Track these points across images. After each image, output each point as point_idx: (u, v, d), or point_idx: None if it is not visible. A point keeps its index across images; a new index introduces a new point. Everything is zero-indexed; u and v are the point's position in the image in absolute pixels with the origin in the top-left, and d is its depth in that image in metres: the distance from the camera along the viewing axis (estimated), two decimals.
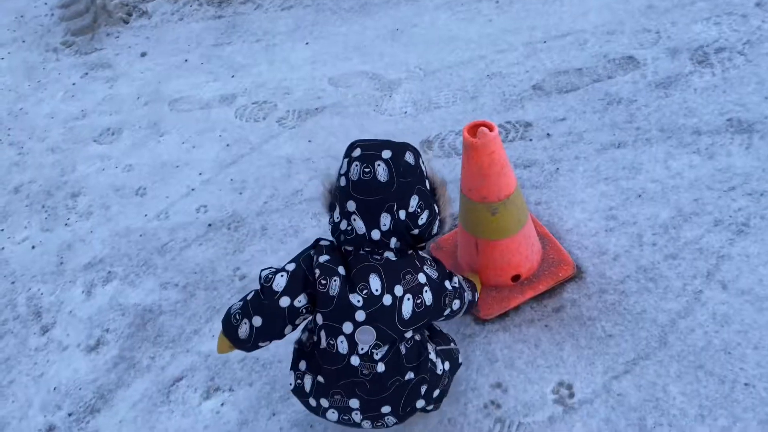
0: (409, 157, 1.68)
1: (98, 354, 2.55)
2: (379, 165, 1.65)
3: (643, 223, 2.42)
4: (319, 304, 1.67)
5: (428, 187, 1.73)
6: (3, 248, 3.12)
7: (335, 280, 1.65)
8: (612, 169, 2.63)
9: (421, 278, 1.71)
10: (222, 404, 2.27)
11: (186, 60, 4.04)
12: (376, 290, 1.65)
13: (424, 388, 1.77)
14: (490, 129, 1.93)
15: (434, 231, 1.78)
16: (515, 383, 2.09)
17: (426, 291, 1.71)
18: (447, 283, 1.81)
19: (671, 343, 2.08)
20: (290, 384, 1.78)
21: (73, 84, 4.12)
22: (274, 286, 1.67)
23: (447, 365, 1.86)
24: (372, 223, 1.67)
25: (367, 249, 1.70)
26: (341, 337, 1.66)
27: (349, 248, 1.72)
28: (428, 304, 1.71)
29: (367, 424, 1.77)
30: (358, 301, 1.64)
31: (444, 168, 2.86)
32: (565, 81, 3.09)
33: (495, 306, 2.26)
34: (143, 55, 4.22)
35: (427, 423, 2.06)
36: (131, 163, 3.40)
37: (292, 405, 2.19)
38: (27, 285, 2.91)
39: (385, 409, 1.73)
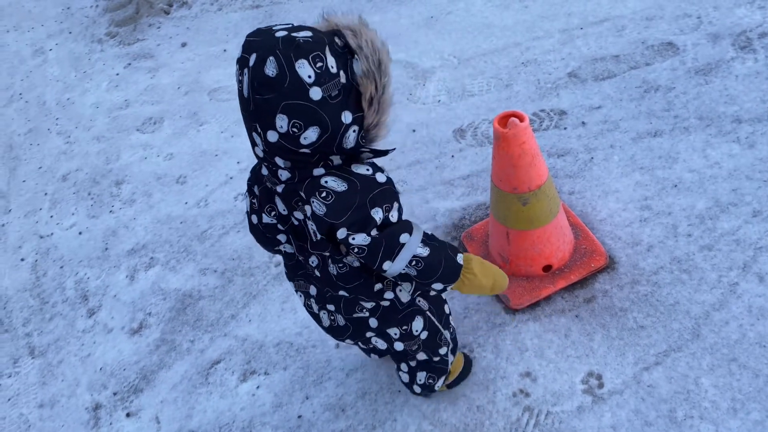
0: (269, 68, 1.26)
1: (141, 336, 2.66)
2: (244, 75, 1.32)
3: (679, 213, 2.39)
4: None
5: (323, 95, 1.30)
6: (52, 234, 3.26)
7: (254, 202, 1.58)
8: (648, 159, 2.60)
9: (307, 209, 1.44)
10: (258, 387, 2.35)
11: (225, 50, 4.12)
12: (283, 210, 1.53)
13: (367, 310, 1.68)
14: (521, 119, 1.94)
15: (349, 144, 1.39)
16: (545, 372, 2.11)
17: (311, 224, 1.47)
18: (345, 232, 1.42)
19: (704, 335, 2.06)
20: None
21: (117, 74, 4.25)
22: (245, 205, 1.63)
23: (420, 323, 1.77)
24: (251, 140, 1.42)
25: (266, 164, 1.47)
26: (285, 245, 1.63)
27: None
28: (320, 237, 1.48)
29: (324, 315, 1.74)
30: (272, 221, 1.57)
31: (477, 157, 2.87)
32: (602, 68, 3.05)
33: (526, 296, 2.27)
34: (183, 45, 4.31)
35: (455, 410, 2.09)
36: (172, 152, 3.50)
37: (325, 389, 2.25)
38: (75, 269, 3.04)
39: (330, 307, 1.70)
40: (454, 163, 2.88)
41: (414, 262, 1.50)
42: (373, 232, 1.44)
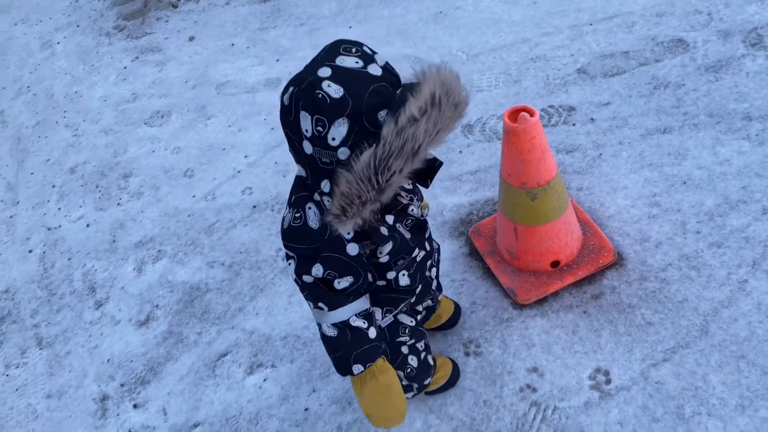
0: (286, 96, 1.25)
1: (148, 329, 2.67)
2: None
3: (688, 210, 2.38)
4: None
5: (314, 154, 1.24)
6: (60, 226, 3.27)
7: None
8: (657, 155, 2.59)
9: (284, 209, 1.45)
10: (264, 380, 2.35)
11: (232, 44, 4.12)
12: None
13: None
14: (531, 114, 1.93)
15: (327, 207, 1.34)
16: (552, 368, 2.11)
17: None
18: (288, 254, 1.42)
19: (713, 332, 2.05)
20: None
21: (125, 67, 4.25)
22: None
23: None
24: None
25: None
26: None
27: None
28: None
29: None
30: None
31: (485, 152, 2.86)
32: (611, 64, 3.04)
33: (533, 291, 2.27)
34: (191, 39, 4.31)
35: (462, 404, 2.09)
36: (180, 146, 3.51)
37: (332, 382, 2.25)
38: (82, 261, 3.05)
39: None
40: (462, 159, 2.87)
41: (318, 328, 1.50)
42: (305, 278, 1.40)
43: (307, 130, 1.20)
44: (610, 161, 2.63)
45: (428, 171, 1.48)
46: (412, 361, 1.85)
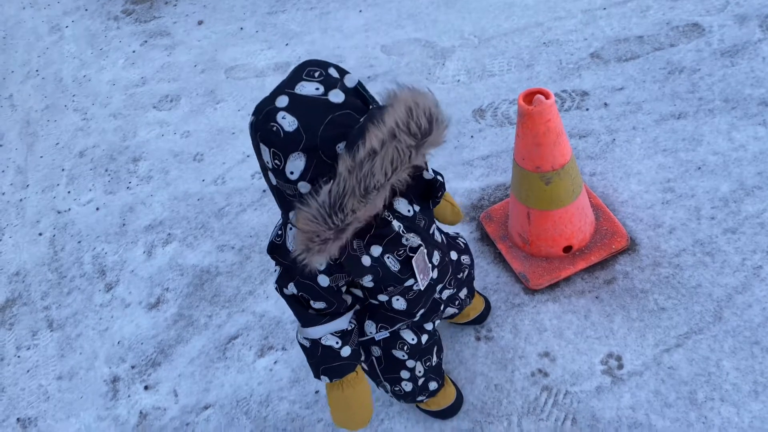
0: (249, 124, 1.20)
1: (159, 311, 2.67)
2: None
3: (702, 196, 2.36)
4: None
5: (278, 186, 1.23)
6: (70, 209, 3.28)
7: None
8: (671, 141, 2.56)
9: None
10: (275, 362, 2.35)
11: (241, 28, 4.10)
12: None
13: None
14: (546, 96, 1.91)
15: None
16: (563, 353, 2.10)
17: None
18: (275, 270, 1.43)
19: (726, 318, 2.04)
20: None
21: (133, 52, 4.24)
22: None
23: (364, 356, 1.69)
24: None
25: None
26: None
27: None
28: None
29: None
30: None
31: (496, 137, 2.84)
32: (625, 49, 3.00)
33: (545, 276, 2.26)
34: (200, 23, 4.29)
35: (473, 388, 2.09)
36: (189, 130, 3.50)
37: None
38: (92, 244, 3.05)
39: None
40: (474, 144, 2.85)
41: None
42: (285, 290, 1.40)
43: (267, 162, 1.16)
44: (623, 146, 2.61)
45: (429, 190, 1.44)
46: (406, 386, 1.78)
